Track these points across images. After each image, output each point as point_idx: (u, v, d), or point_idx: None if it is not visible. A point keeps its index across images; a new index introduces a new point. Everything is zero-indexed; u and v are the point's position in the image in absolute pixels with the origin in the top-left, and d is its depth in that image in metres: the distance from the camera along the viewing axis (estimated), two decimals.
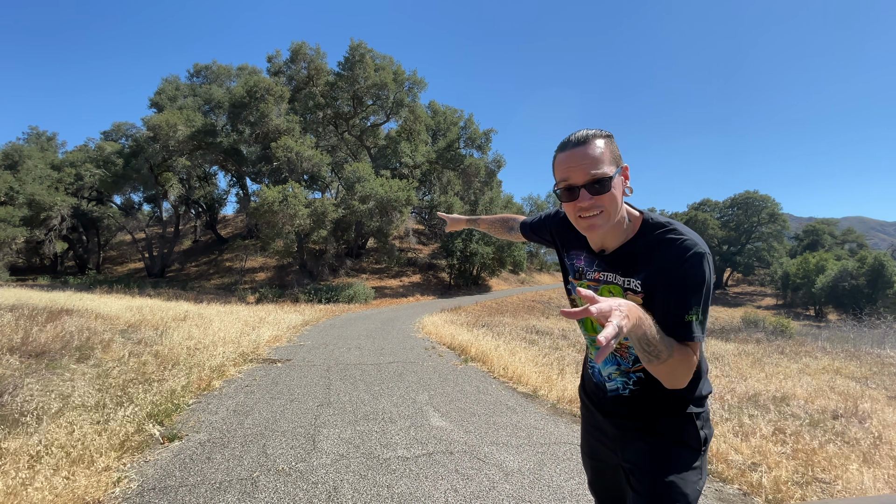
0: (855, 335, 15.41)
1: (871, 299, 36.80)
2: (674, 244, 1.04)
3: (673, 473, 1.08)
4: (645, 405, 1.16)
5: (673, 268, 1.03)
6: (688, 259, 1.01)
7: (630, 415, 1.19)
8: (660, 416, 1.14)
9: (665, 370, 0.99)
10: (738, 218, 54.58)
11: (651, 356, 0.96)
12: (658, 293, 1.06)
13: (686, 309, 1.00)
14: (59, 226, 30.38)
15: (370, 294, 23.17)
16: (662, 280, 1.05)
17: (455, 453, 3.25)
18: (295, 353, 7.32)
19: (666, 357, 0.96)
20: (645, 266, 1.08)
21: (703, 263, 1.01)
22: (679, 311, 1.01)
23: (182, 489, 2.59)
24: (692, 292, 1.01)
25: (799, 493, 2.72)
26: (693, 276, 1.01)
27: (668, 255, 1.04)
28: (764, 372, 7.50)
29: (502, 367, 6.14)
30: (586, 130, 1.08)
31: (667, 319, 1.01)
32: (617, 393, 1.21)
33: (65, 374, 4.52)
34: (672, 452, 1.11)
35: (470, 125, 32.27)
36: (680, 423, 1.13)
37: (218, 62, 35.70)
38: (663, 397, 1.13)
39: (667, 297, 1.04)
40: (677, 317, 1.01)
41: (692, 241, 1.03)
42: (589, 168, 1.04)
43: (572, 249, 1.30)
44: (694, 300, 1.01)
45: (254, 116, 23.55)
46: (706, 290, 1.01)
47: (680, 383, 1.01)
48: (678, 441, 1.12)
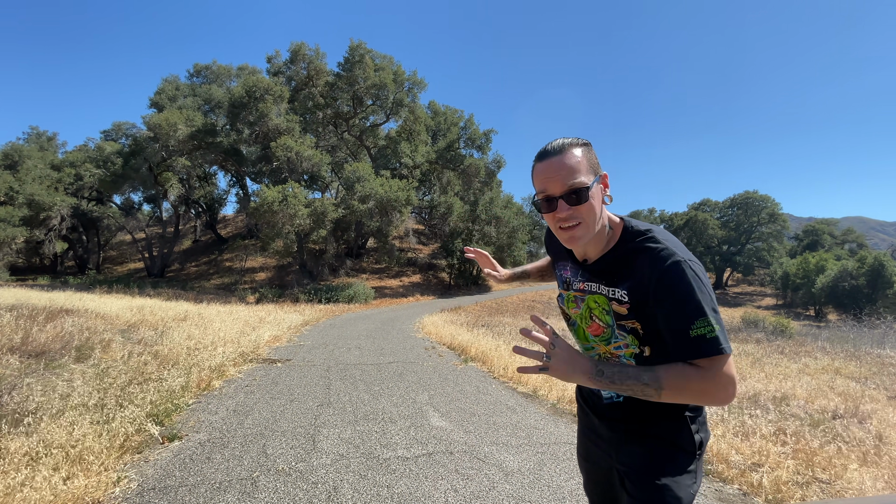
0: (855, 335, 15.40)
1: (871, 299, 36.79)
2: (650, 254, 1.02)
3: (667, 477, 1.07)
4: (640, 410, 1.15)
5: (655, 285, 1.00)
6: (666, 271, 0.98)
7: (625, 418, 1.18)
8: (655, 419, 1.13)
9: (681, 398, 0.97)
10: (738, 218, 54.56)
11: (642, 396, 0.99)
12: (658, 317, 1.02)
13: (687, 325, 0.95)
14: (58, 226, 30.37)
15: (370, 294, 23.16)
16: (653, 299, 1.01)
17: (455, 453, 3.25)
18: (295, 353, 7.31)
19: (654, 393, 0.96)
20: (629, 276, 1.07)
21: (685, 270, 0.98)
22: (681, 331, 0.96)
23: (182, 489, 2.59)
24: (684, 306, 0.96)
25: (799, 493, 2.72)
26: (678, 288, 0.97)
27: (647, 265, 1.02)
28: (764, 372, 7.49)
29: (502, 367, 6.14)
30: (563, 139, 1.06)
31: (673, 341, 0.99)
32: (612, 400, 1.21)
33: (64, 374, 4.51)
34: (666, 456, 1.10)
35: (470, 125, 32.26)
36: (675, 426, 1.11)
37: (218, 62, 35.69)
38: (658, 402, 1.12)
39: (666, 318, 1.00)
40: (681, 337, 0.97)
41: (669, 251, 1.00)
42: (566, 178, 1.02)
43: (559, 260, 1.30)
44: (692, 311, 0.95)
45: (253, 116, 23.54)
46: (701, 296, 0.96)
47: (715, 401, 0.96)
48: (673, 444, 1.11)
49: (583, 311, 1.19)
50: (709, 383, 0.94)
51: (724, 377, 0.94)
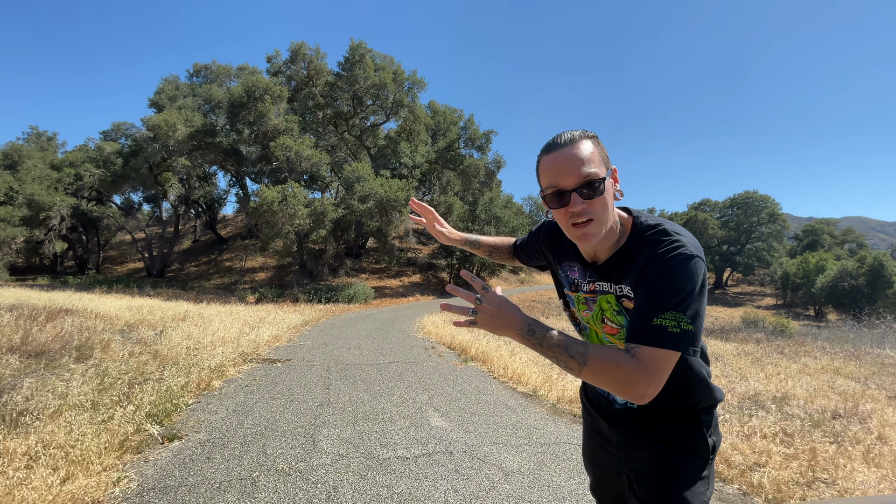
0: (854, 335, 15.40)
1: (871, 299, 36.83)
2: (659, 244, 0.97)
3: (680, 484, 1.04)
4: (655, 414, 1.11)
5: (651, 266, 0.95)
6: (670, 258, 0.93)
7: (637, 422, 1.14)
8: (670, 423, 1.10)
9: (598, 381, 0.91)
10: (738, 218, 54.61)
11: (561, 367, 0.92)
12: (636, 298, 0.97)
13: (656, 311, 0.90)
14: (58, 226, 30.36)
15: (370, 294, 23.16)
16: (640, 279, 0.96)
17: (455, 453, 3.25)
18: (295, 353, 7.31)
19: (576, 367, 0.89)
20: (631, 269, 1.01)
21: (688, 265, 0.92)
22: (648, 313, 0.91)
23: (182, 489, 2.59)
24: (667, 294, 0.90)
25: (799, 493, 2.72)
26: (672, 276, 0.91)
27: (650, 254, 0.97)
28: (764, 372, 7.49)
29: (502, 367, 6.14)
30: (571, 132, 1.00)
31: (634, 320, 0.94)
32: (626, 406, 1.16)
33: (64, 373, 4.51)
34: (680, 462, 1.07)
35: (470, 125, 32.25)
36: (691, 430, 1.08)
37: (218, 62, 35.66)
38: (675, 407, 1.09)
39: (640, 296, 0.95)
40: (644, 319, 0.91)
41: (680, 242, 0.95)
42: (579, 170, 0.95)
43: (564, 261, 1.22)
44: (667, 303, 0.90)
45: (252, 116, 23.54)
46: (689, 295, 0.90)
47: (629, 395, 0.89)
48: (686, 450, 1.07)
49: (594, 314, 1.14)
50: (636, 376, 0.87)
51: (653, 374, 0.87)
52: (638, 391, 0.88)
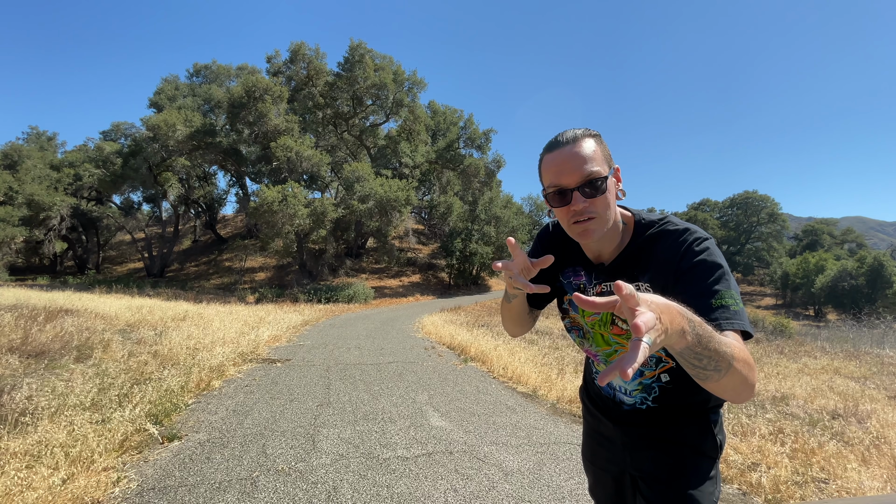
0: (854, 335, 15.40)
1: (871, 299, 36.85)
2: (672, 235, 0.99)
3: (690, 485, 1.03)
4: (665, 414, 1.09)
5: (678, 258, 0.94)
6: (690, 245, 0.94)
7: (647, 423, 1.12)
8: (680, 423, 1.08)
9: (729, 383, 0.77)
10: (738, 218, 54.66)
11: (707, 370, 0.74)
12: (680, 293, 0.89)
13: (711, 294, 0.87)
14: (58, 226, 30.36)
15: (370, 294, 23.16)
16: (675, 277, 0.94)
17: (455, 453, 3.25)
18: (294, 353, 7.31)
19: (725, 365, 0.74)
20: (648, 264, 1.01)
21: (709, 246, 0.94)
22: (705, 300, 0.87)
23: (182, 489, 2.59)
24: (710, 276, 0.89)
25: (798, 493, 2.72)
26: (706, 260, 0.91)
27: (669, 246, 0.97)
28: (763, 371, 7.49)
29: (502, 367, 6.15)
30: (574, 130, 0.99)
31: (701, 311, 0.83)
32: (634, 407, 1.13)
33: (64, 373, 4.51)
34: (689, 462, 1.05)
35: (470, 125, 32.28)
36: (700, 429, 1.07)
37: (218, 62, 35.73)
38: (687, 406, 1.08)
39: (690, 287, 0.91)
40: (707, 301, 0.87)
41: (690, 231, 0.97)
42: (581, 169, 0.95)
43: (567, 266, 1.18)
44: (717, 284, 0.88)
45: (252, 116, 23.55)
46: (727, 272, 0.90)
47: (748, 389, 0.79)
48: (695, 449, 1.06)
49: (603, 316, 1.11)
50: (750, 362, 0.78)
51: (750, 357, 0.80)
52: (752, 382, 0.79)
